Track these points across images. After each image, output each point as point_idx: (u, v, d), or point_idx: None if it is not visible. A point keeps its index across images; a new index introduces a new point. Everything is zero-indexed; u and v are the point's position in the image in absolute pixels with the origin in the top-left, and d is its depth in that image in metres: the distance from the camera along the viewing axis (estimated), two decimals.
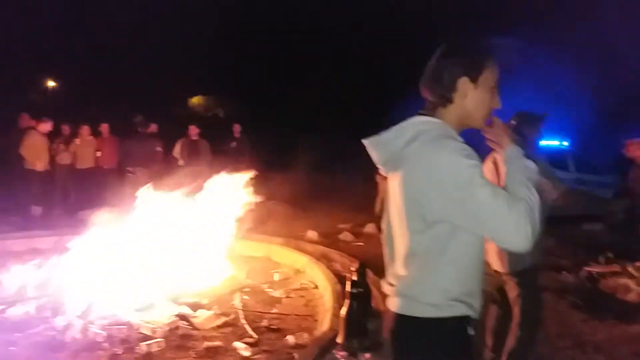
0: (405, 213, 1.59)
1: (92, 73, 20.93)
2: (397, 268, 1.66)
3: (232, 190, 5.87)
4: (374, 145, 1.73)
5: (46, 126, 9.03)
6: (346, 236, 7.56)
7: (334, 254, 6.22)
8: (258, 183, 6.20)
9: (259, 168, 6.67)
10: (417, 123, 1.64)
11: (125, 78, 20.82)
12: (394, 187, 1.66)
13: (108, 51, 21.31)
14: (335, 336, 3.72)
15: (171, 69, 21.90)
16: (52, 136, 9.49)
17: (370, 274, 4.06)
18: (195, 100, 29.39)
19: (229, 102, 26.62)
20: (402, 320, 1.61)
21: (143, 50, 21.53)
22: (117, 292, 4.42)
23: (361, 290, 3.74)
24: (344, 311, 3.70)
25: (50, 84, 24.47)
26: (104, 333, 3.95)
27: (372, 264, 4.00)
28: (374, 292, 3.93)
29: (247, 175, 6.05)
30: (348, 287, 3.73)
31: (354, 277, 3.81)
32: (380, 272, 1.86)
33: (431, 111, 1.67)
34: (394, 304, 1.65)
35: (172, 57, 21.94)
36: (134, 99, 18.15)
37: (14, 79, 18.02)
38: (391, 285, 1.69)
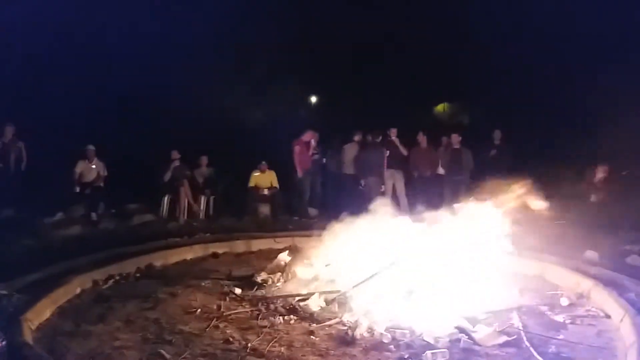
0: None
1: (342, 86, 22.67)
2: None
3: (502, 202, 5.63)
4: None
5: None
6: (635, 260, 6.52)
7: (625, 280, 5.41)
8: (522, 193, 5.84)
9: (521, 177, 6.26)
10: None
11: (370, 88, 22.04)
12: None
13: (353, 66, 22.77)
14: None
15: (416, 76, 22.30)
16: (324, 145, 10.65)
17: None
18: (440, 107, 29.42)
19: (474, 108, 25.91)
20: None
21: (391, 60, 22.43)
22: (399, 296, 4.61)
23: None
24: None
25: (313, 99, 27.50)
26: (389, 335, 4.14)
27: None
28: None
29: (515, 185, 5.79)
30: None
31: None
32: None
33: None
34: None
35: (417, 64, 22.29)
36: (379, 109, 19.07)
37: (288, 97, 20.73)
38: None
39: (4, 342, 3.70)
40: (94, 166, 9.57)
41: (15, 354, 3.52)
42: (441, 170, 9.87)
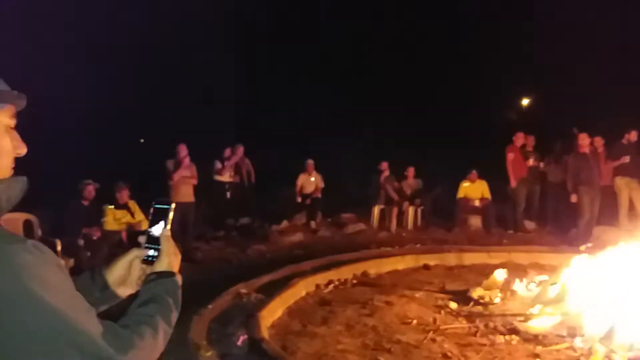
0: None
1: (564, 86, 20.52)
2: None
3: None
4: None
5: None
6: None
7: None
8: None
9: None
10: None
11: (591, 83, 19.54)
12: None
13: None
14: None
15: None
16: (541, 152, 9.83)
17: None
18: None
19: None
20: None
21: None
22: None
23: None
24: None
25: (524, 101, 25.58)
26: None
27: None
28: None
29: None
30: None
31: None
32: None
33: None
34: None
35: None
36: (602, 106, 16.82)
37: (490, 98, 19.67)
38: None
39: (245, 336, 4.21)
40: (312, 178, 10.39)
41: (256, 348, 3.96)
42: None
